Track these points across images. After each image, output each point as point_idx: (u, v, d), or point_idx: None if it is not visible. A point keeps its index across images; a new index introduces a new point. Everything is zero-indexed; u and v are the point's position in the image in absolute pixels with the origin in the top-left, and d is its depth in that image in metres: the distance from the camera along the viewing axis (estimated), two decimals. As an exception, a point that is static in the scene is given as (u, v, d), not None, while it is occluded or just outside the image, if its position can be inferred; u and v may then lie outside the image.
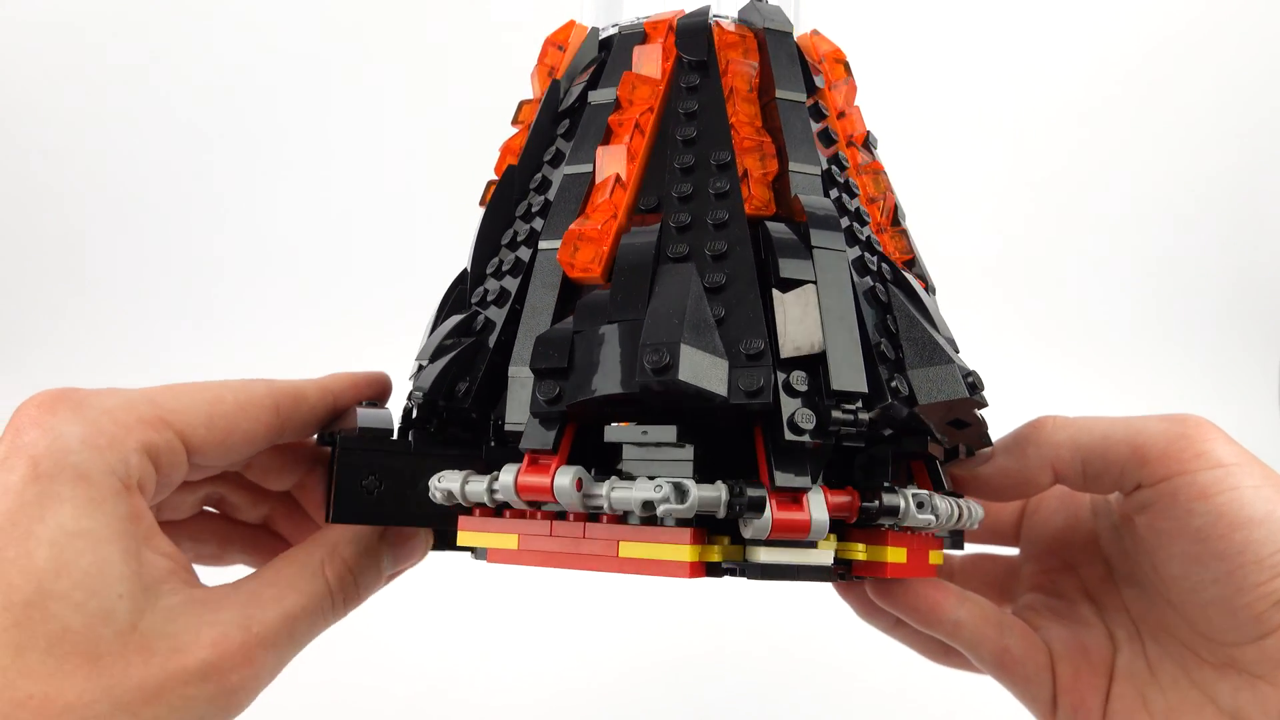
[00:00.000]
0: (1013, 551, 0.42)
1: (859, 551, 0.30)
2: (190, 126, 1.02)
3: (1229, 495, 0.30)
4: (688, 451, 0.27)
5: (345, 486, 0.32)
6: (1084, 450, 0.33)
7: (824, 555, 0.28)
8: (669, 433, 0.27)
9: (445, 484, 0.31)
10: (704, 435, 0.29)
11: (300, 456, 0.38)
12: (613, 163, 0.32)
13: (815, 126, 0.34)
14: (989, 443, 0.36)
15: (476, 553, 0.34)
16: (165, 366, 0.98)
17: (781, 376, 0.27)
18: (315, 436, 0.36)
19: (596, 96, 0.35)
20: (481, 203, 0.38)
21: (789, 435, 0.26)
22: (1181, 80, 1.11)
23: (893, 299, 0.30)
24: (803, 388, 0.27)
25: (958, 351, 0.31)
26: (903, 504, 0.28)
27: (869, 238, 0.32)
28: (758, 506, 0.26)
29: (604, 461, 0.29)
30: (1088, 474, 0.33)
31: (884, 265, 0.32)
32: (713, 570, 0.29)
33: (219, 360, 0.98)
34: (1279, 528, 0.29)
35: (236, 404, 0.33)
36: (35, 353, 0.99)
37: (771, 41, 0.34)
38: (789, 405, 0.27)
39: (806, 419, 0.26)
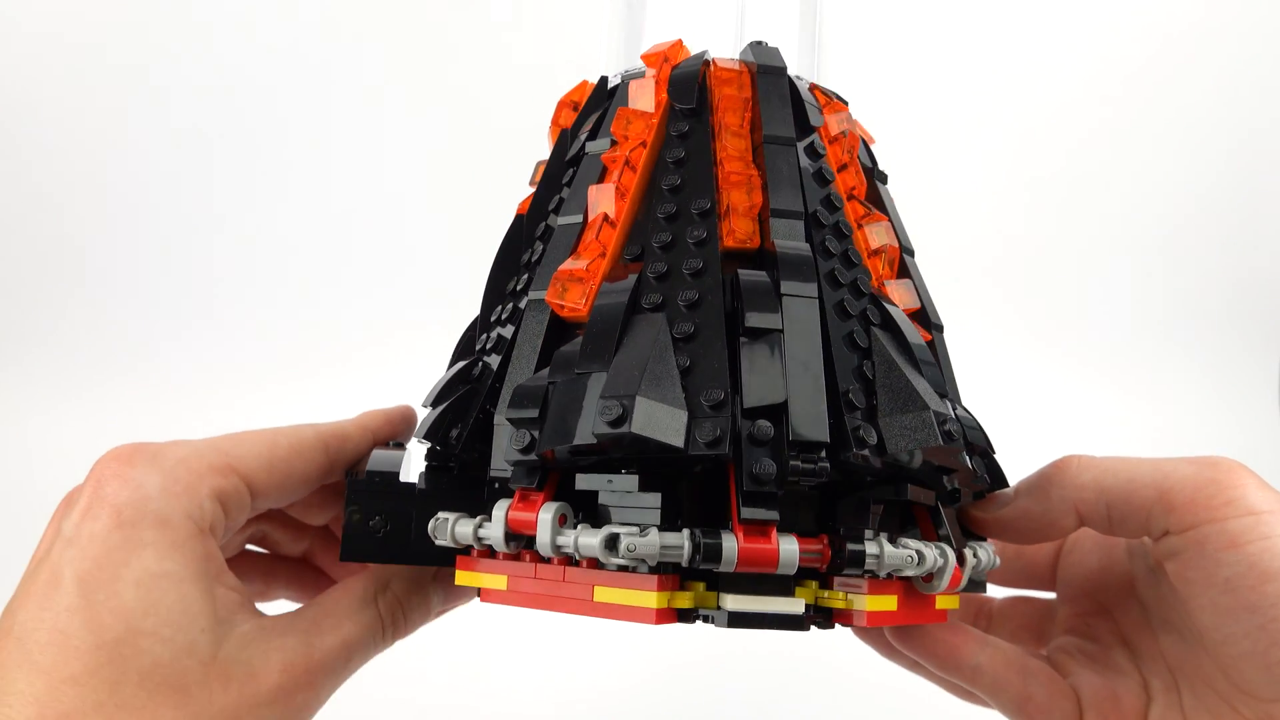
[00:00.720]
0: (1052, 595, 0.42)
1: (839, 600, 0.30)
2: (188, 127, 1.02)
3: (1260, 545, 0.28)
4: (654, 498, 0.28)
5: (353, 526, 0.33)
6: (1109, 494, 0.32)
7: (795, 604, 0.28)
8: (631, 482, 0.28)
9: (438, 525, 0.31)
10: (680, 482, 0.29)
11: (338, 492, 0.39)
12: (603, 201, 0.33)
13: (811, 165, 0.34)
14: (999, 483, 0.35)
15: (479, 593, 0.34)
16: (164, 367, 1.00)
17: (746, 426, 0.27)
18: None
19: (593, 146, 0.35)
20: None
21: (748, 485, 0.27)
22: (1183, 81, 1.11)
23: (874, 344, 0.30)
24: (766, 437, 0.27)
25: (945, 396, 0.31)
26: (875, 551, 0.28)
27: (855, 280, 0.32)
28: (714, 555, 0.27)
29: (593, 510, 0.30)
30: (1113, 518, 0.32)
31: (871, 309, 0.32)
32: (685, 617, 0.29)
33: (219, 361, 0.99)
34: None
35: (290, 447, 0.35)
36: (35, 352, 1.00)
37: (763, 82, 0.34)
38: (751, 455, 0.27)
39: (767, 469, 0.27)
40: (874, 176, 0.38)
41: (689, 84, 0.34)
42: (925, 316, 0.35)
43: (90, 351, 1.00)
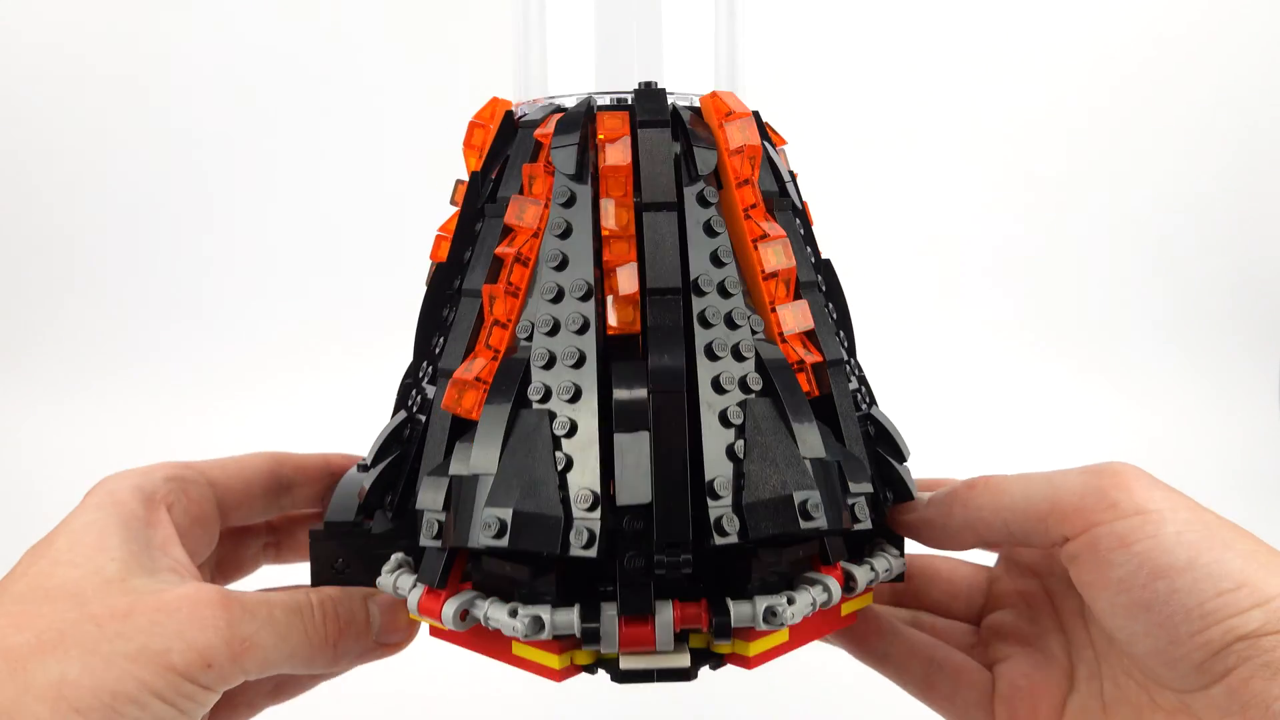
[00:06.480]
0: None
1: (725, 646, 0.32)
2: (184, 130, 1.05)
3: (1147, 543, 0.29)
4: (549, 581, 0.31)
5: (319, 569, 0.38)
6: (1005, 511, 0.34)
7: (681, 659, 0.32)
8: (523, 571, 0.31)
9: (383, 581, 0.36)
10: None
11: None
12: (496, 301, 0.34)
13: (700, 215, 0.34)
14: (902, 497, 0.37)
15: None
16: (162, 367, 1.06)
17: (622, 522, 0.30)
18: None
19: (491, 210, 0.36)
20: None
21: (621, 579, 0.30)
22: (1183, 80, 1.11)
23: (747, 418, 0.31)
24: (636, 534, 0.29)
25: (825, 465, 0.32)
26: (749, 612, 0.31)
27: (737, 345, 0.32)
28: (592, 637, 0.30)
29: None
30: (1015, 534, 0.34)
31: (752, 376, 0.32)
32: (590, 668, 0.33)
33: (213, 360, 1.06)
34: (1205, 574, 0.28)
35: (239, 458, 0.42)
36: (34, 352, 1.07)
37: (643, 139, 0.34)
38: (624, 549, 0.30)
39: (635, 563, 0.29)
40: (781, 181, 0.37)
41: (569, 152, 0.34)
42: (816, 340, 0.35)
43: (89, 352, 1.06)
